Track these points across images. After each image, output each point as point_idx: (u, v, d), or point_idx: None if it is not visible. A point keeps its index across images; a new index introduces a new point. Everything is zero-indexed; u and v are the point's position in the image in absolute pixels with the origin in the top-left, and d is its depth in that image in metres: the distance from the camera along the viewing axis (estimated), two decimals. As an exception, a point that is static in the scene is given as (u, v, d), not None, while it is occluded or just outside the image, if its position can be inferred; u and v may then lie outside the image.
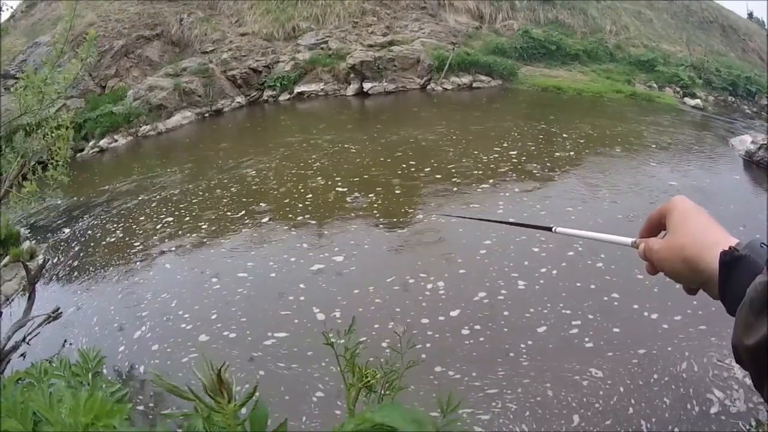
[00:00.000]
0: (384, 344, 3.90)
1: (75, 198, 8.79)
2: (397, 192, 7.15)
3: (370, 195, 7.04)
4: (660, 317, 4.27)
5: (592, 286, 4.74)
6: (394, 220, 6.32)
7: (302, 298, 4.81)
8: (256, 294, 5.02)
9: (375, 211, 6.56)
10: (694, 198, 0.65)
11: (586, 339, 4.08)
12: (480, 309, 4.49)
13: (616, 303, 4.52)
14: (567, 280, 4.83)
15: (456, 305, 4.54)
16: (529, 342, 4.06)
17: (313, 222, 6.42)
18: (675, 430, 3.23)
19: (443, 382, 3.63)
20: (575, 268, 5.04)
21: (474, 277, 4.95)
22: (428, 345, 4.05)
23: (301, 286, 5.00)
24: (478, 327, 4.23)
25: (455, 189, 7.15)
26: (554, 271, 4.97)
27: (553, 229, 0.87)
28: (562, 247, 5.30)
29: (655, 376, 3.66)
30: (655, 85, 15.38)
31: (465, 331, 4.19)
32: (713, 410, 3.36)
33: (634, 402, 3.43)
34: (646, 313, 4.33)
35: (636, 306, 4.43)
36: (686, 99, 14.91)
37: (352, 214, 6.51)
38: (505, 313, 4.43)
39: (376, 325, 4.28)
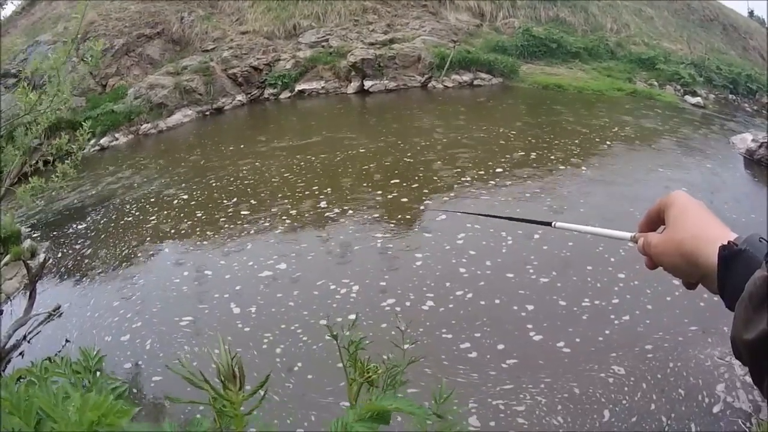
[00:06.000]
0: (280, 349, 4.16)
1: (75, 196, 8.79)
2: (380, 200, 7.04)
3: (351, 205, 6.93)
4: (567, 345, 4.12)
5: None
6: (369, 232, 6.22)
7: (226, 295, 5.04)
8: (193, 292, 5.23)
9: (351, 221, 6.49)
10: (694, 195, 0.65)
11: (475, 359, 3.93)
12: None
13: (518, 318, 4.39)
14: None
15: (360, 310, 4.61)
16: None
17: (287, 229, 6.44)
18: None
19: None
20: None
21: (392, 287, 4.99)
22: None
23: (237, 287, 5.17)
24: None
25: (451, 194, 7.13)
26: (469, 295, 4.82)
27: (553, 223, 0.87)
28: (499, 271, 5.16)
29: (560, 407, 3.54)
30: (655, 83, 15.33)
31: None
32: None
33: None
34: (532, 333, 4.21)
35: (530, 327, 4.28)
36: (687, 97, 14.87)
37: (326, 224, 6.49)
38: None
39: (282, 326, 4.48)
